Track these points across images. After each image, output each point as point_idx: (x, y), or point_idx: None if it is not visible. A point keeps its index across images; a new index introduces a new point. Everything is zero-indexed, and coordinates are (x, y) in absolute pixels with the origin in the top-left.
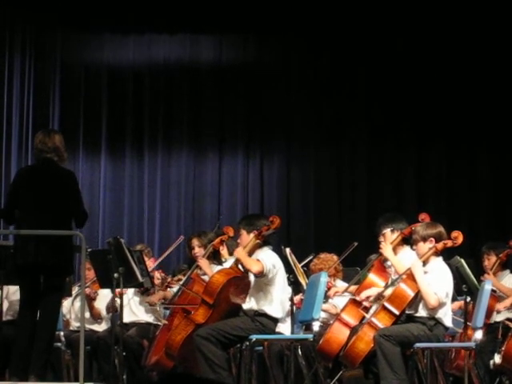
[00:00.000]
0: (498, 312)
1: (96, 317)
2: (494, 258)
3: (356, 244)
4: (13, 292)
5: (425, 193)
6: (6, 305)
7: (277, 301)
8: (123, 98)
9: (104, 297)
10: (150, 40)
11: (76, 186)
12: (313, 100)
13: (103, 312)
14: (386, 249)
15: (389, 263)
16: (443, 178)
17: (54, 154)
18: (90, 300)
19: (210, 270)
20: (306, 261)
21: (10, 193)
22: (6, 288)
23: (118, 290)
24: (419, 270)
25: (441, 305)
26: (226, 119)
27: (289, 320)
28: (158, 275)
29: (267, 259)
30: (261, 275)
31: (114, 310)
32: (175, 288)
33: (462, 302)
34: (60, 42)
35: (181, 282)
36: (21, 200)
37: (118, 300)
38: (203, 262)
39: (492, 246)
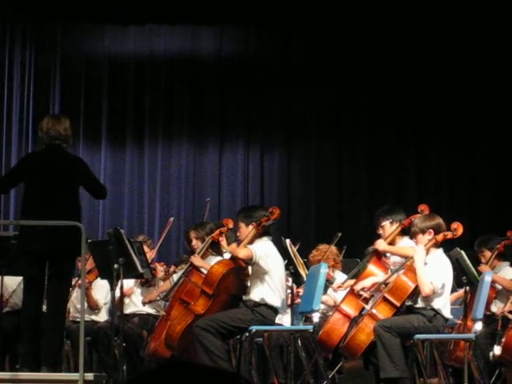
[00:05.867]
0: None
1: (93, 307)
2: (487, 253)
3: (340, 234)
4: (10, 284)
5: (425, 184)
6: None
7: (275, 290)
8: (124, 89)
9: (101, 287)
10: (150, 31)
11: (87, 167)
12: (313, 91)
13: (100, 302)
14: (380, 244)
15: (388, 254)
16: (444, 169)
17: (63, 140)
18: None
19: (205, 265)
20: (295, 248)
21: (14, 168)
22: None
23: (125, 289)
24: (420, 257)
25: (435, 295)
26: (226, 110)
27: (289, 311)
28: (160, 268)
29: (259, 248)
30: (250, 261)
31: (116, 303)
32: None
33: (459, 294)
34: (61, 32)
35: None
36: (29, 185)
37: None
38: (196, 260)
39: (482, 241)
